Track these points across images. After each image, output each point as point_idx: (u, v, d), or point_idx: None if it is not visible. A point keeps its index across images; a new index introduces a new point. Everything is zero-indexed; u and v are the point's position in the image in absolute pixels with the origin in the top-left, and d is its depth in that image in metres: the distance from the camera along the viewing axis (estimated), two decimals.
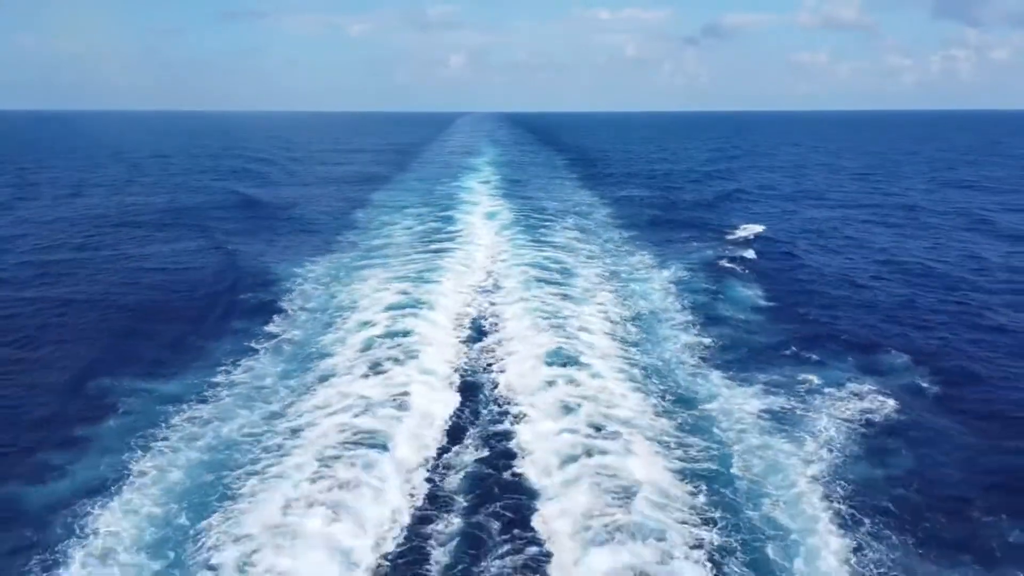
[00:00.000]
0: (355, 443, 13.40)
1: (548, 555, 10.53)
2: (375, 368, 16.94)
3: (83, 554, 10.64)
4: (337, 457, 12.91)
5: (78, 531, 11.19)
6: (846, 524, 11.33)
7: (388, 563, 10.43)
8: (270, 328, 20.62)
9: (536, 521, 11.35)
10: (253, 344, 19.28)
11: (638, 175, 65.90)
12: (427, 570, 10.30)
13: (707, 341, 19.41)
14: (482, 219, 38.12)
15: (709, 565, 10.26)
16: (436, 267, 26.64)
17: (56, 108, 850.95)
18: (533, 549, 10.67)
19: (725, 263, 28.87)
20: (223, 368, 17.55)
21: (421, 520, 11.41)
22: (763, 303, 23.56)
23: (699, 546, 10.61)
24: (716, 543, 10.70)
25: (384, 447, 13.23)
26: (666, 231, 36.74)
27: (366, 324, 20.22)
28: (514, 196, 47.05)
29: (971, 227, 38.37)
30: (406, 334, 19.04)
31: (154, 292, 25.70)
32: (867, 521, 11.42)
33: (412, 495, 12.07)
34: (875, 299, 24.29)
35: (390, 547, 10.77)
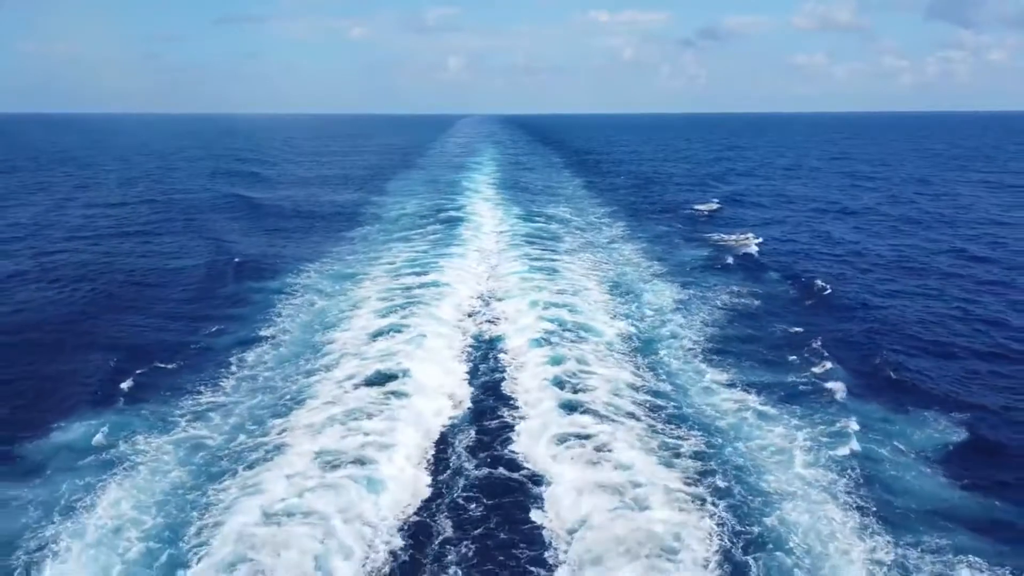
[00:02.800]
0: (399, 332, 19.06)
1: (517, 409, 15.33)
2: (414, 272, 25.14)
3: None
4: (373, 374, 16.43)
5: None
6: (718, 364, 17.56)
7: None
8: (310, 267, 27.90)
9: (509, 369, 17.22)
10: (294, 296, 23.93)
11: (629, 172, 71.79)
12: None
13: (656, 267, 28.31)
14: (483, 202, 44.24)
15: (628, 375, 16.56)
16: (448, 236, 32.90)
17: (58, 111, 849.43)
18: (507, 395, 16.00)
19: (682, 225, 37.82)
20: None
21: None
22: (701, 250, 31.58)
23: (622, 368, 16.95)
24: (631, 380, 16.43)
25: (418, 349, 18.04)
26: (642, 210, 43.87)
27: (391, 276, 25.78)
28: (513, 188, 53.09)
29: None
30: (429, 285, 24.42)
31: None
32: (729, 356, 18.07)
33: (450, 347, 18.58)
34: (773, 250, 32.63)
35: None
